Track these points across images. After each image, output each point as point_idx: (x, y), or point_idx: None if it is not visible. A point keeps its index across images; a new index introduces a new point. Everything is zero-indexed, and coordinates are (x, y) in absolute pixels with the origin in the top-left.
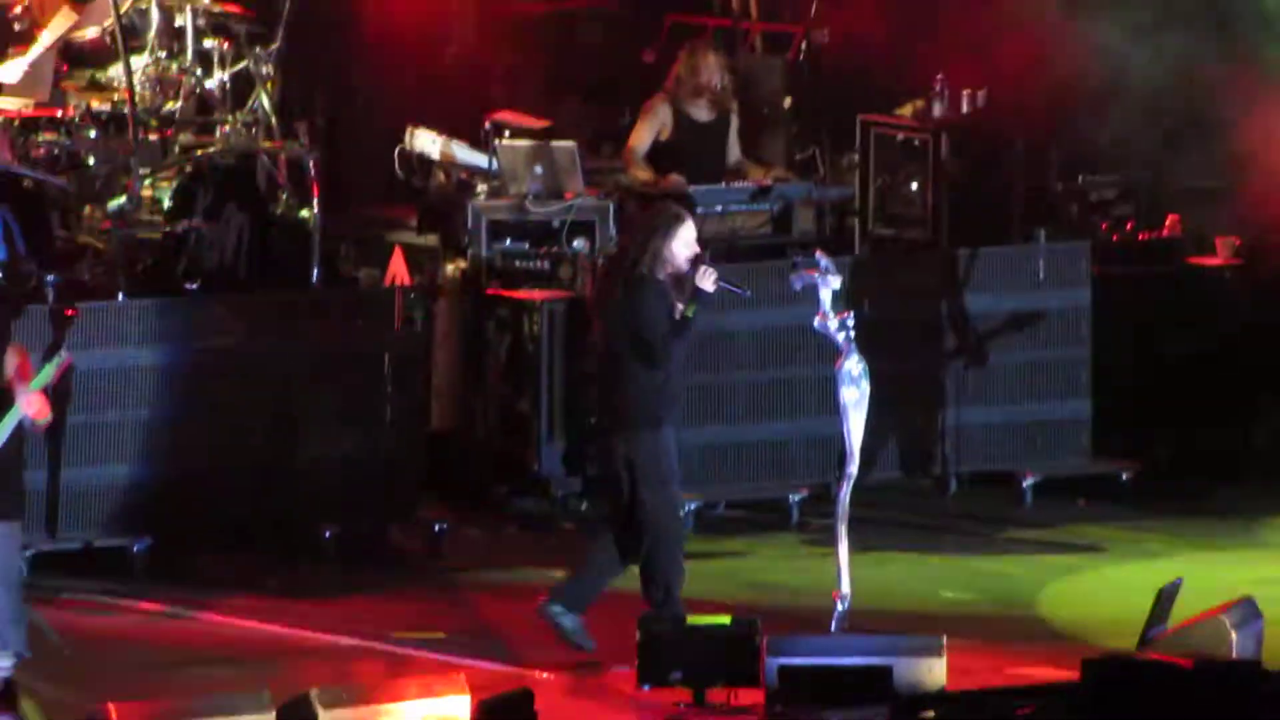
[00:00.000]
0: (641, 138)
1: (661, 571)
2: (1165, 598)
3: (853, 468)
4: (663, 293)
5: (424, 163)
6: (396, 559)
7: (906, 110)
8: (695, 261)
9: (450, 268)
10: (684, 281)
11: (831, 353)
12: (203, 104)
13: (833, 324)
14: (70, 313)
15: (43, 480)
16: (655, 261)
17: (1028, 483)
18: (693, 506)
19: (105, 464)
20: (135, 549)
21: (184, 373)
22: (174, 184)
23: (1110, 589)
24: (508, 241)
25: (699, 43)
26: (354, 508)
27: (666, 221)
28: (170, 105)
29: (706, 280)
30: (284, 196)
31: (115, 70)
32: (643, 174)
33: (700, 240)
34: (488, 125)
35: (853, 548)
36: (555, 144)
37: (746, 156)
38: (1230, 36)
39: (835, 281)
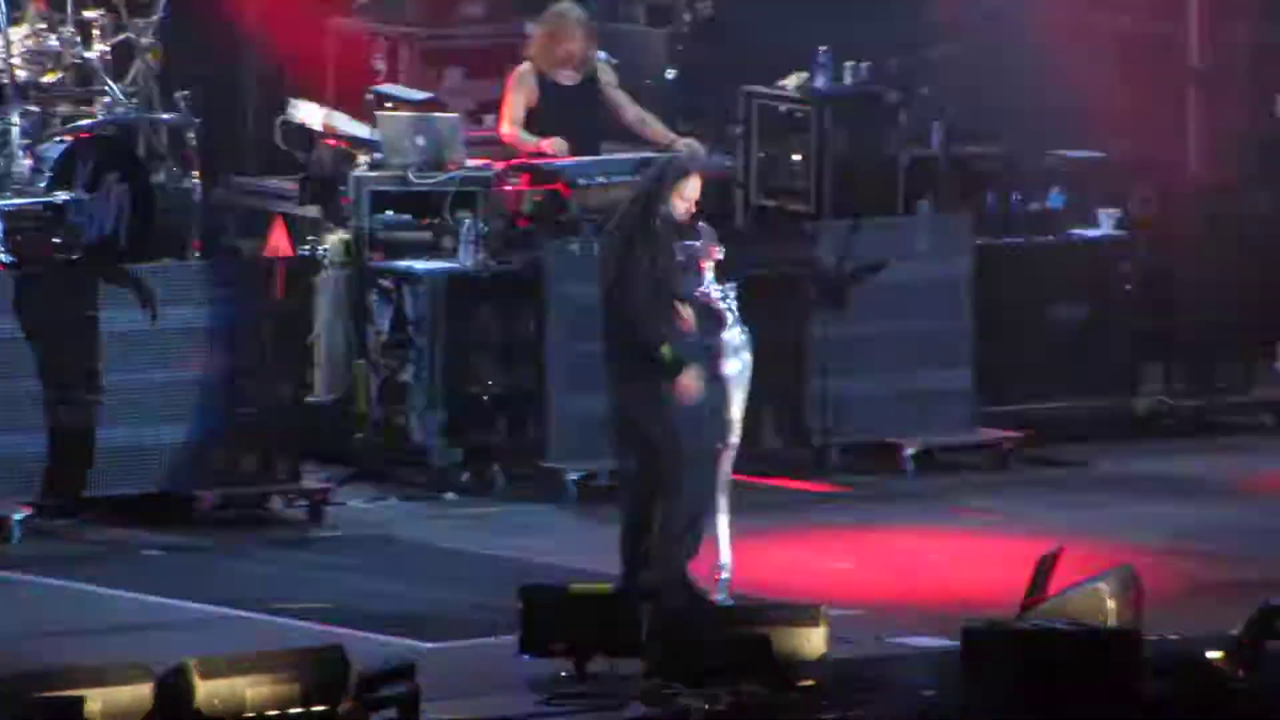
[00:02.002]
0: (513, 110)
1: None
2: (1045, 566)
3: (734, 438)
4: (648, 261)
5: (306, 134)
6: (277, 528)
7: (790, 82)
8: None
9: (332, 239)
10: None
11: (713, 323)
12: (83, 75)
13: (714, 294)
14: None
15: None
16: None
17: (908, 452)
18: (575, 477)
19: None
20: (14, 519)
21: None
22: (54, 155)
23: (991, 557)
24: (389, 213)
25: (558, 7)
26: (235, 477)
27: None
28: (50, 76)
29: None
30: (165, 167)
31: None
32: (526, 144)
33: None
34: (369, 97)
35: (734, 518)
36: (437, 115)
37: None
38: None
39: (717, 252)
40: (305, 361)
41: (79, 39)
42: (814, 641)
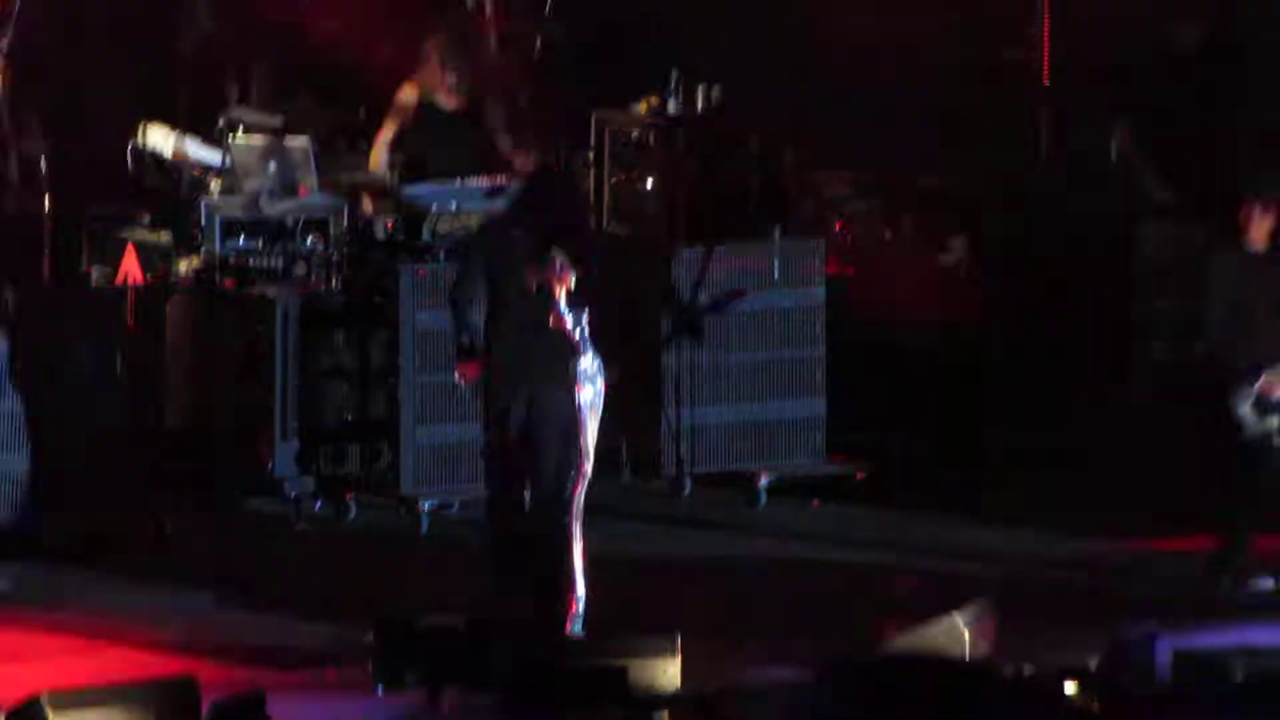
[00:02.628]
0: (387, 126)
1: None
2: (901, 595)
3: (587, 467)
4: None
5: (157, 159)
6: (126, 557)
7: (641, 107)
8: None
9: (183, 265)
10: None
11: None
12: None
13: (568, 322)
14: None
15: None
16: None
17: (763, 483)
18: (428, 506)
19: None
20: None
21: None
22: None
23: (845, 588)
24: (241, 239)
25: (443, 31)
26: (84, 505)
27: None
28: None
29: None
30: (14, 193)
31: None
32: (374, 163)
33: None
34: (221, 122)
35: (588, 549)
36: (289, 141)
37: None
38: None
39: (570, 279)
40: (157, 390)
41: None
42: (670, 673)
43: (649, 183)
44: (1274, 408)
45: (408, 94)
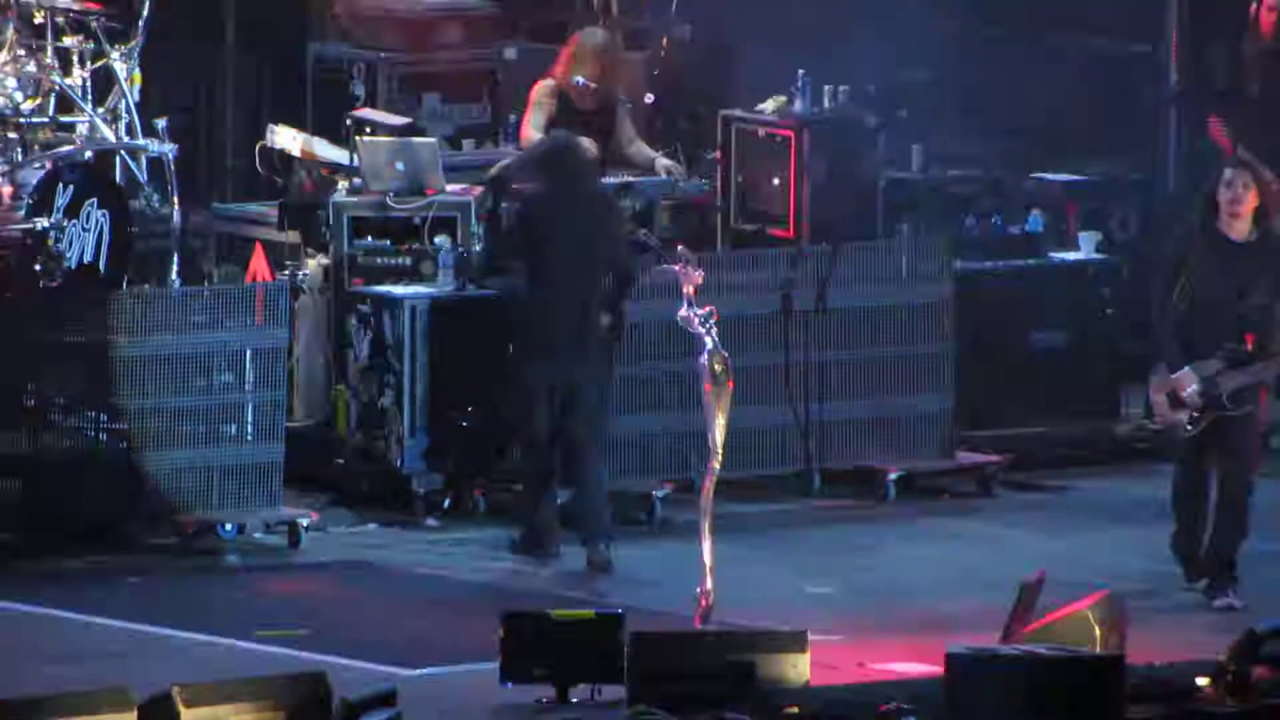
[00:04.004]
0: (533, 124)
1: None
2: (1029, 591)
3: (715, 463)
4: None
5: (285, 160)
6: (258, 554)
7: (768, 106)
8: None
9: (312, 264)
10: None
11: (694, 347)
12: (63, 101)
13: (695, 318)
14: None
15: None
16: None
17: (891, 477)
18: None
19: None
20: None
21: (44, 368)
22: (33, 181)
23: (974, 583)
24: (369, 238)
25: (586, 30)
26: (215, 503)
27: None
28: (30, 103)
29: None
30: (144, 194)
31: None
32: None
33: None
34: (349, 122)
35: (716, 543)
36: (416, 141)
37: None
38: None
39: (697, 276)
40: (287, 388)
41: (58, 65)
42: (799, 668)
43: (776, 181)
44: (1185, 403)
45: (545, 92)
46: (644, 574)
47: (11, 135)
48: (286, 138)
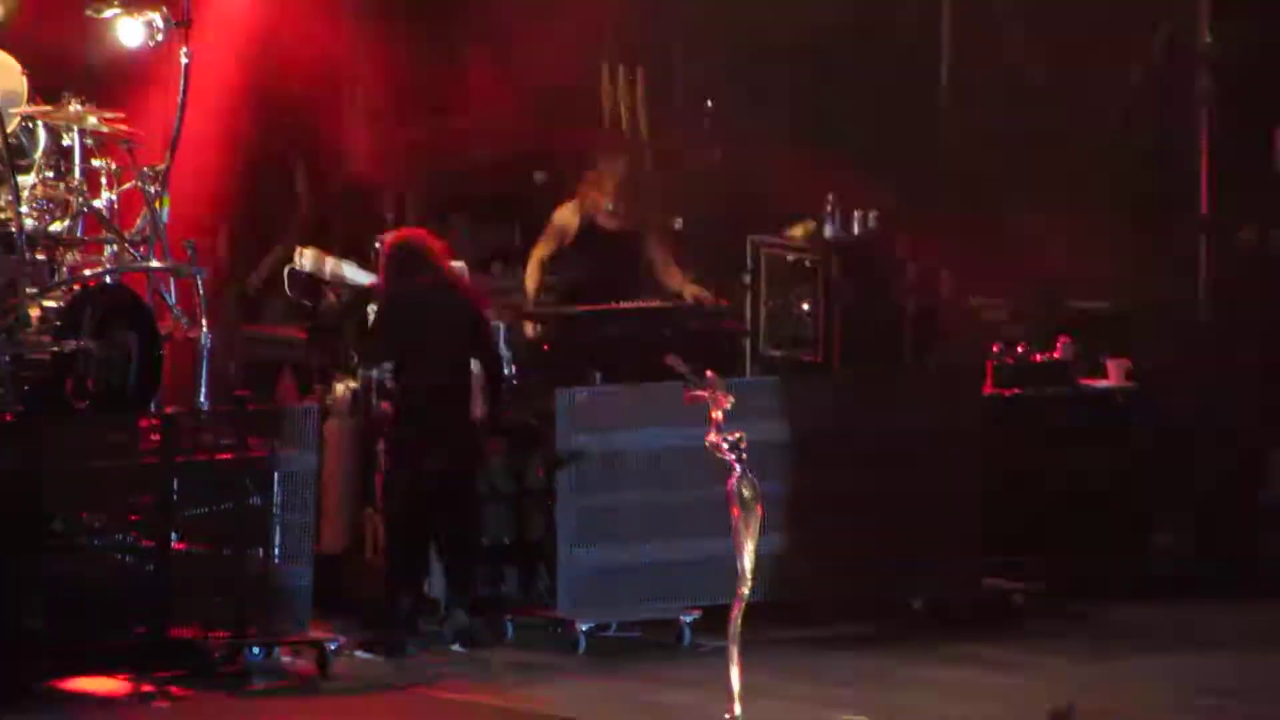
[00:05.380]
0: (542, 245)
1: None
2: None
3: (744, 588)
4: None
5: (314, 282)
6: (287, 679)
7: (797, 231)
8: None
9: (340, 387)
10: None
11: (723, 472)
12: (91, 223)
13: (724, 444)
14: None
15: None
16: None
17: (916, 604)
18: (585, 627)
19: None
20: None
21: (65, 491)
22: (62, 303)
23: (1003, 708)
24: None
25: (607, 153)
26: (244, 627)
27: None
28: (58, 224)
29: None
30: (172, 316)
31: (1, 190)
32: (530, 282)
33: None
34: (377, 245)
35: (745, 668)
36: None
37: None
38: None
39: (726, 402)
40: (314, 512)
41: (86, 187)
42: None
43: (805, 306)
44: None
45: (567, 215)
46: (672, 699)
47: (40, 257)
48: (315, 260)
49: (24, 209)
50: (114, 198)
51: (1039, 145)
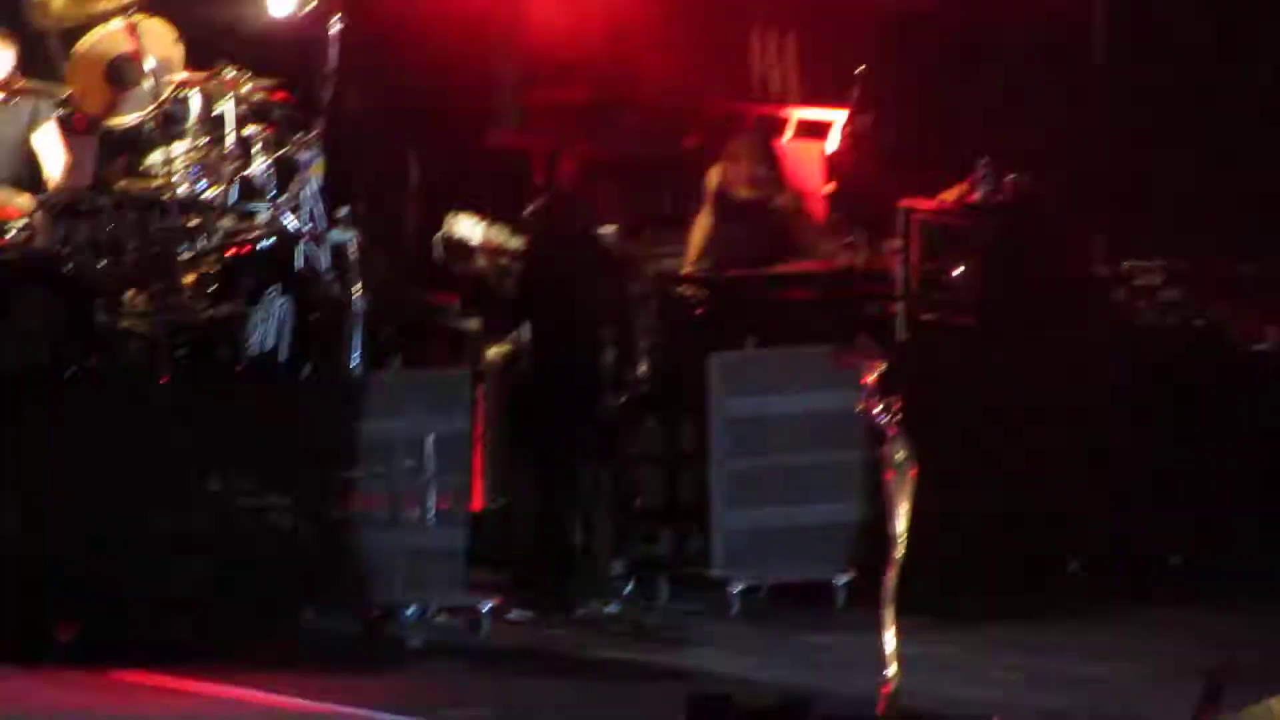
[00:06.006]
0: (704, 212)
1: None
2: (1217, 678)
3: (898, 551)
4: None
5: (465, 247)
6: (442, 638)
7: (949, 195)
8: None
9: (492, 351)
10: None
11: (876, 436)
12: (245, 189)
13: (877, 408)
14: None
15: None
16: None
17: (1072, 566)
18: (738, 589)
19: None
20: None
21: (220, 454)
22: (216, 269)
23: (1156, 667)
24: None
25: (745, 127)
26: (401, 587)
27: None
28: (212, 191)
29: None
30: (326, 281)
31: (156, 156)
32: (693, 247)
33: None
34: (528, 209)
35: (900, 630)
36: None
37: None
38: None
39: (880, 366)
40: (470, 473)
41: (241, 154)
42: None
43: (957, 270)
44: None
45: (713, 179)
46: (828, 660)
47: (194, 223)
48: (466, 226)
49: (178, 176)
50: (267, 163)
51: (1197, 103)
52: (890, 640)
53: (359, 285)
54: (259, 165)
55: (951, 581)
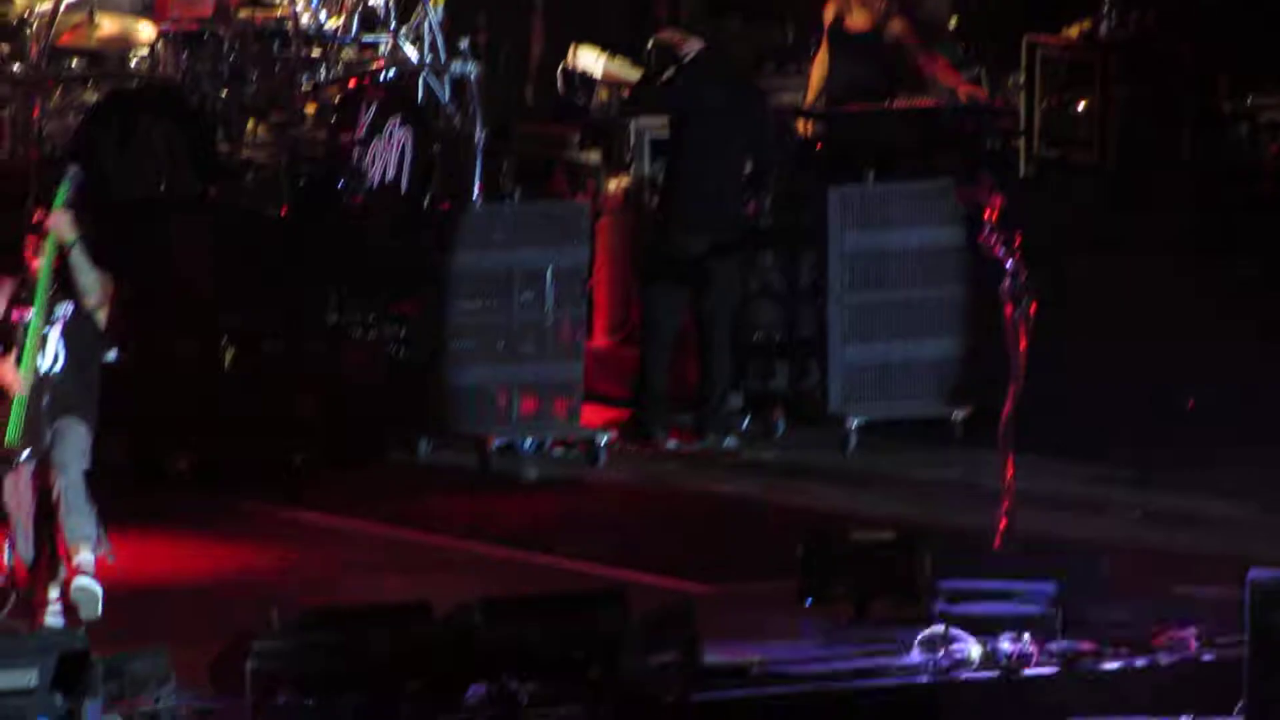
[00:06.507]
0: (823, 48)
1: None
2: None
3: (1017, 386)
4: None
5: (586, 80)
6: (559, 471)
7: (1073, 30)
8: None
9: (612, 184)
10: None
11: (995, 271)
12: (366, 20)
13: (997, 242)
14: None
15: None
16: None
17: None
18: (855, 424)
19: None
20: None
21: (346, 284)
22: (336, 100)
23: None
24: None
25: None
26: (518, 419)
27: None
28: (333, 21)
29: None
30: (447, 113)
31: None
32: (813, 81)
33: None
34: (650, 43)
35: (1017, 466)
36: None
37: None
38: None
39: (999, 200)
40: (587, 306)
41: None
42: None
43: (1080, 106)
44: None
45: (829, 14)
46: (944, 495)
47: (315, 54)
48: (588, 59)
49: (299, 6)
50: None
51: None
52: (1008, 476)
53: (479, 118)
54: None
55: (1071, 416)
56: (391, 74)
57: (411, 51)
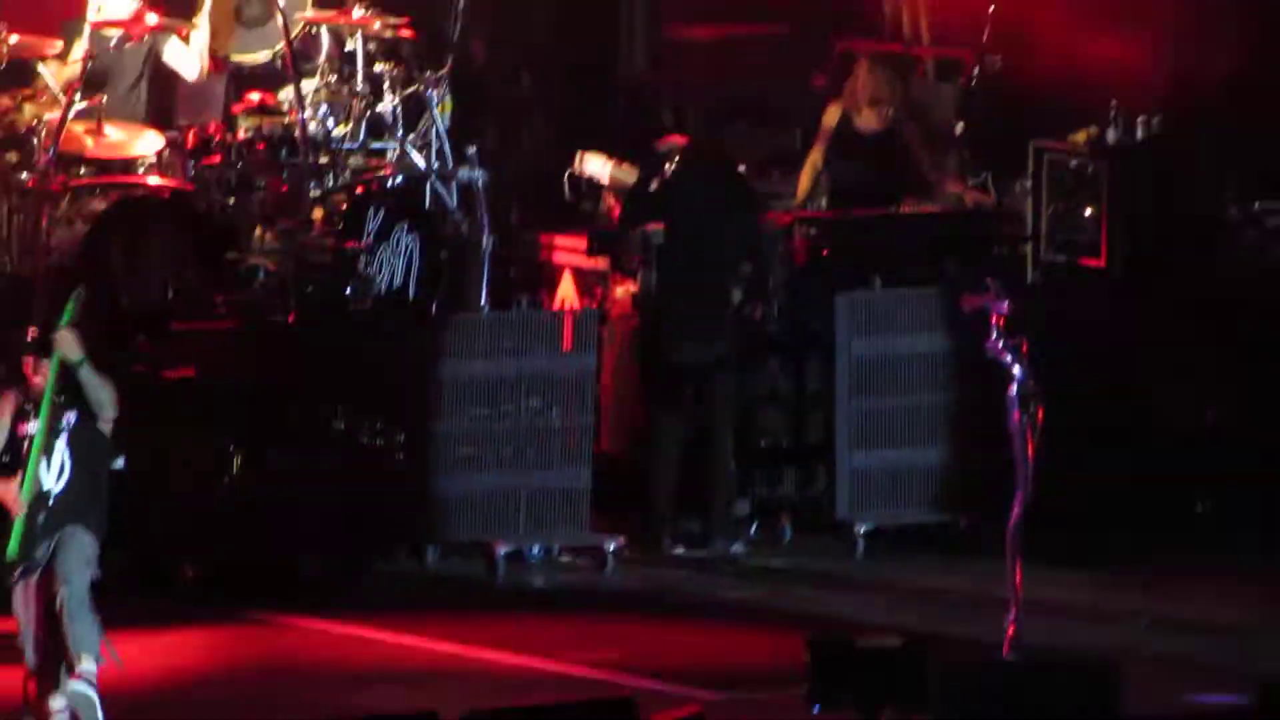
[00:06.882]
0: (816, 148)
1: None
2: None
3: (1025, 492)
4: None
5: (593, 186)
6: (567, 579)
7: (1080, 136)
8: None
9: (619, 290)
10: None
11: (1003, 378)
12: (374, 127)
13: (1004, 349)
14: None
15: None
16: None
17: (1199, 507)
18: (863, 530)
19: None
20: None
21: (344, 392)
22: (344, 206)
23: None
24: None
25: (871, 57)
26: (524, 528)
27: None
28: (341, 129)
29: None
30: (453, 220)
31: (285, 94)
32: (803, 182)
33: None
34: (657, 149)
35: (1024, 572)
36: None
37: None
38: None
39: (1006, 306)
40: (594, 414)
41: (370, 92)
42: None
43: (1088, 211)
44: None
45: (831, 116)
46: (950, 601)
47: (323, 161)
48: (595, 165)
49: (307, 113)
50: (396, 102)
51: None
52: (1016, 583)
53: (486, 224)
54: (387, 103)
55: (1077, 523)
56: (399, 180)
57: (419, 158)
